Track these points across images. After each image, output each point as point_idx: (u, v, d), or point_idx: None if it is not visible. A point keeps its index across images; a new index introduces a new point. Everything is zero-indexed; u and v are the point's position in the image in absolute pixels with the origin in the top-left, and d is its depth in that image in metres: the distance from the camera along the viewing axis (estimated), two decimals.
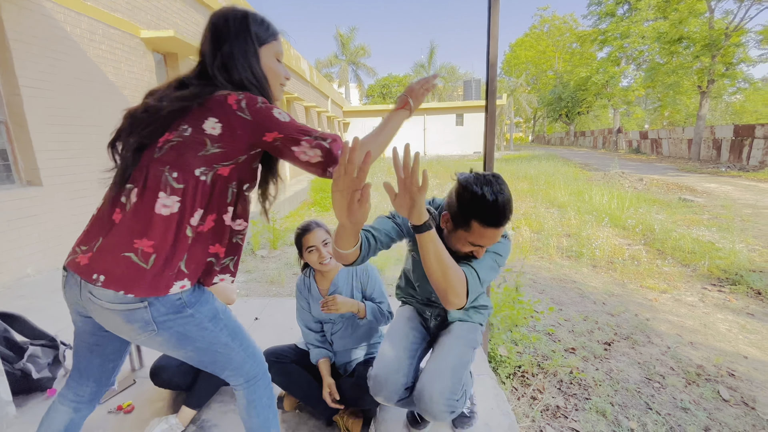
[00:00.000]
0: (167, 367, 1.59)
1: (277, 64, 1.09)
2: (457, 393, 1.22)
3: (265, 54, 1.04)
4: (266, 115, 0.90)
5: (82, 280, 0.86)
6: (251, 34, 1.00)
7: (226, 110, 0.88)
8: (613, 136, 28.26)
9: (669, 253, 4.89)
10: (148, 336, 0.89)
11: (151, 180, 0.88)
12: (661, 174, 13.28)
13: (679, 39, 17.41)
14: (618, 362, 2.66)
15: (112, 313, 0.86)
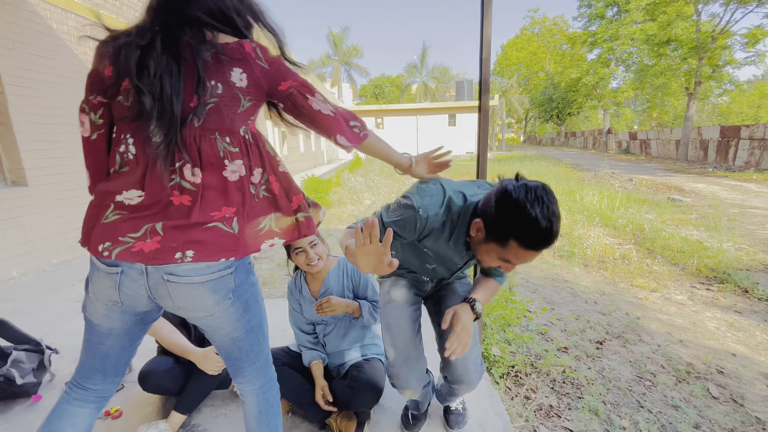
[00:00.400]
0: (156, 372, 1.56)
1: None
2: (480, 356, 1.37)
3: None
4: (280, 63, 0.91)
5: (152, 267, 0.84)
6: None
7: (248, 59, 0.86)
8: (603, 137, 28.63)
9: (659, 252, 4.96)
10: (223, 307, 0.91)
11: (206, 153, 0.85)
12: (650, 174, 13.48)
13: (667, 41, 17.70)
14: (610, 361, 2.68)
15: (199, 287, 0.86)
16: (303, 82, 0.94)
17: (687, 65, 17.21)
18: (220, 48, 0.84)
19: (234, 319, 0.94)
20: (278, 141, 12.35)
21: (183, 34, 0.85)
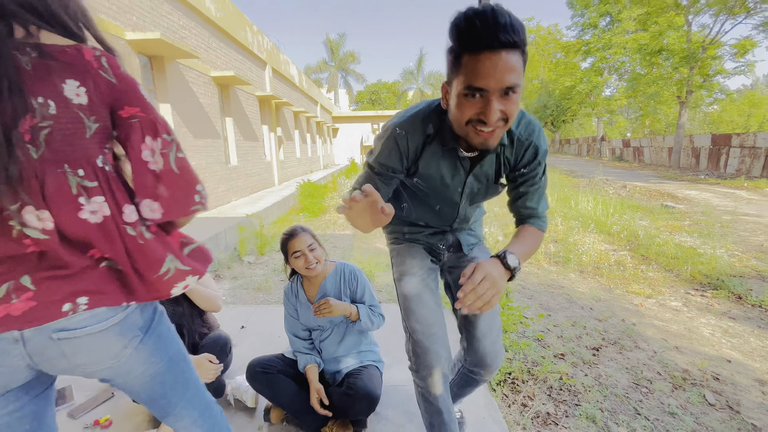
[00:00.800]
0: None
1: None
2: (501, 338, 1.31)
3: None
4: (134, 84, 0.73)
5: (31, 330, 0.68)
6: None
7: (87, 69, 0.68)
8: (597, 144, 28.95)
9: (653, 259, 4.99)
10: (132, 349, 0.77)
11: (52, 190, 0.66)
12: (644, 181, 13.62)
13: (659, 51, 18.01)
14: (606, 367, 2.67)
15: (103, 334, 0.73)
16: (154, 118, 0.75)
17: (678, 74, 17.52)
18: (44, 50, 0.64)
19: (148, 354, 0.80)
20: (274, 146, 12.33)
21: None
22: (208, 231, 5.49)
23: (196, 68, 7.19)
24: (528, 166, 1.05)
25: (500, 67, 0.74)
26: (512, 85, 0.78)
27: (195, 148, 7.10)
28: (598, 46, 24.39)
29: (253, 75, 10.73)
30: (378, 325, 1.56)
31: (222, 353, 1.64)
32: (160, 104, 6.29)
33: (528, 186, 1.08)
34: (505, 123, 0.84)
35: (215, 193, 7.94)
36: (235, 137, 9.23)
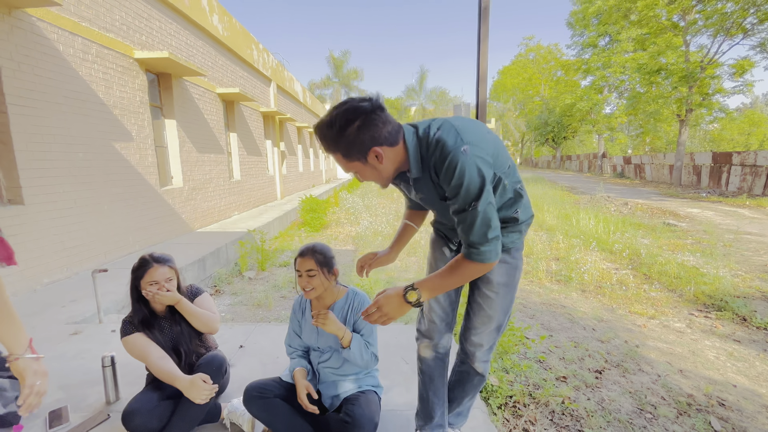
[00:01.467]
0: (140, 411, 1.48)
1: None
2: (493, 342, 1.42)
3: None
4: None
5: None
6: None
7: None
8: (598, 161, 29.07)
9: (655, 278, 4.95)
10: None
11: None
12: (645, 198, 13.62)
13: (657, 70, 18.27)
14: (609, 391, 2.63)
15: None
16: None
17: (678, 93, 17.72)
18: None
19: None
20: (277, 160, 12.45)
21: None
22: (209, 246, 5.51)
23: (202, 85, 7.33)
24: (448, 188, 1.07)
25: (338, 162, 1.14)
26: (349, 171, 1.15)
27: (199, 162, 7.18)
28: (597, 65, 24.77)
29: (258, 91, 10.92)
30: (367, 363, 1.51)
31: (217, 374, 1.62)
32: (166, 120, 6.40)
33: (458, 209, 1.08)
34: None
35: (218, 208, 7.99)
36: (239, 152, 9.34)
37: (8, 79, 3.47)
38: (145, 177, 5.51)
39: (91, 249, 4.44)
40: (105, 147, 4.72)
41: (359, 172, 1.11)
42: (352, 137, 1.01)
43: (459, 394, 1.56)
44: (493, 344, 1.44)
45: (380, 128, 1.02)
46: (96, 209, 4.53)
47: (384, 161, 1.08)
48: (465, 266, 1.10)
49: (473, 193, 1.03)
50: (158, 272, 1.63)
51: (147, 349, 1.59)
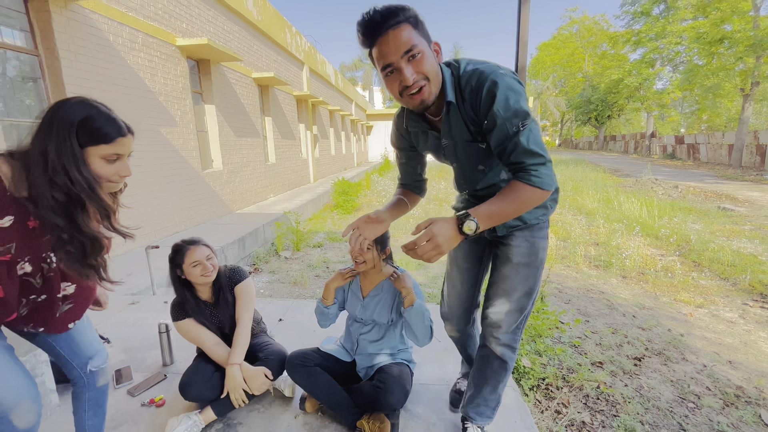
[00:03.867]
0: (196, 383, 1.61)
1: (101, 165, 1.00)
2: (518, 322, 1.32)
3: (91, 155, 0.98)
4: None
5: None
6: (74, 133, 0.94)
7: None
8: (645, 141, 27.11)
9: (706, 266, 4.64)
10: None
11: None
12: (699, 181, 12.62)
13: (720, 39, 16.54)
14: (649, 379, 2.55)
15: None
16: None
17: (743, 64, 16.01)
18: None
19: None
20: (310, 144, 12.66)
21: None
22: (248, 226, 5.77)
23: (238, 70, 7.52)
24: (488, 114, 0.98)
25: (392, 43, 0.91)
26: (409, 48, 0.93)
27: (237, 146, 7.45)
28: (650, 36, 22.78)
29: (291, 75, 11.05)
30: (426, 331, 1.50)
31: (279, 369, 1.68)
32: (206, 105, 6.66)
33: (502, 138, 0.99)
34: (427, 80, 0.97)
35: (255, 190, 8.30)
36: (274, 136, 9.57)
37: (66, 69, 3.74)
38: (189, 161, 5.81)
39: (143, 228, 4.79)
40: (152, 132, 5.01)
41: (423, 52, 0.95)
42: (419, 16, 0.97)
43: (477, 380, 1.42)
44: (516, 328, 1.33)
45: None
46: (147, 191, 4.86)
47: (439, 60, 1.01)
48: (523, 190, 0.97)
49: (522, 110, 0.96)
50: (196, 252, 1.66)
51: (200, 336, 1.69)
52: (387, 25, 0.91)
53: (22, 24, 3.57)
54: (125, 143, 1.04)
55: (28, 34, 3.60)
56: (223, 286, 1.75)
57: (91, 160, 0.98)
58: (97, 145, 0.97)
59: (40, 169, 0.91)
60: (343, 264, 5.09)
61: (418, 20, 0.96)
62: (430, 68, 0.96)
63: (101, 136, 0.97)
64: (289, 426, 1.60)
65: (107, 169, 1.01)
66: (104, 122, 0.98)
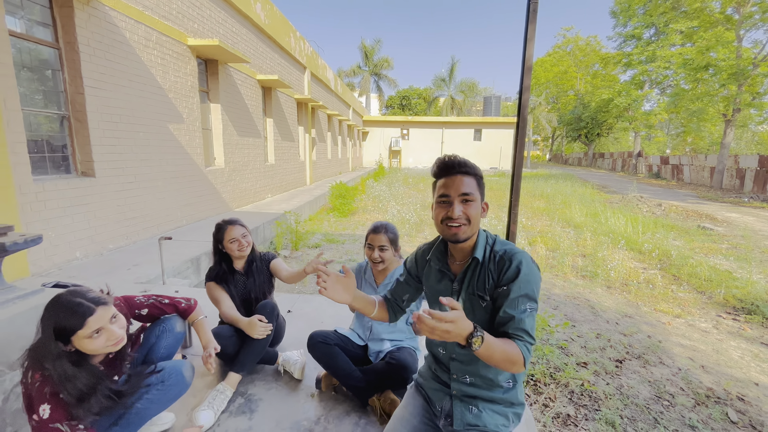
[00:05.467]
0: (222, 335, 1.84)
1: (91, 342, 1.17)
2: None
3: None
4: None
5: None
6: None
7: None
8: (632, 160, 27.96)
9: (685, 279, 4.93)
10: None
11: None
12: (681, 200, 13.13)
13: (705, 66, 17.31)
14: (629, 379, 2.76)
15: None
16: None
17: (726, 91, 16.76)
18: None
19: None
20: (308, 147, 12.81)
21: None
22: (248, 224, 5.87)
23: (244, 71, 7.67)
24: (509, 285, 1.08)
25: (456, 182, 1.13)
26: (467, 192, 1.12)
27: (239, 145, 7.56)
28: (640, 59, 23.63)
29: (293, 78, 11.22)
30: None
31: (270, 315, 1.90)
32: (212, 104, 6.78)
33: (512, 310, 1.07)
34: (468, 223, 1.12)
35: (254, 189, 8.40)
36: (274, 137, 9.70)
37: (85, 63, 3.86)
38: (193, 157, 5.91)
39: (147, 221, 4.87)
40: (161, 128, 5.12)
41: (474, 199, 1.13)
42: (484, 185, 1.20)
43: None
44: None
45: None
46: (152, 184, 4.95)
47: (483, 216, 1.18)
48: (517, 351, 1.02)
49: (533, 295, 1.08)
50: (234, 231, 1.98)
51: (220, 297, 1.98)
52: (460, 170, 1.14)
53: (45, 18, 3.68)
54: (96, 319, 1.17)
55: (50, 27, 3.71)
56: (256, 261, 2.08)
57: (81, 344, 1.16)
58: (74, 333, 1.14)
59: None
60: (341, 264, 5.23)
61: (482, 181, 1.19)
62: (474, 214, 1.13)
63: (71, 328, 1.14)
64: (306, 402, 1.75)
65: (98, 343, 1.18)
66: (69, 318, 1.14)
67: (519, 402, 1.21)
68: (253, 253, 2.10)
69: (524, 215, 9.35)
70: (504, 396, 1.19)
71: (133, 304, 1.53)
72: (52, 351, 1.13)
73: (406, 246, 6.28)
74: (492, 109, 30.03)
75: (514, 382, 1.20)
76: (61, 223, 3.66)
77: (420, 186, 15.44)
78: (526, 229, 7.82)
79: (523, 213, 9.65)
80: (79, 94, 3.85)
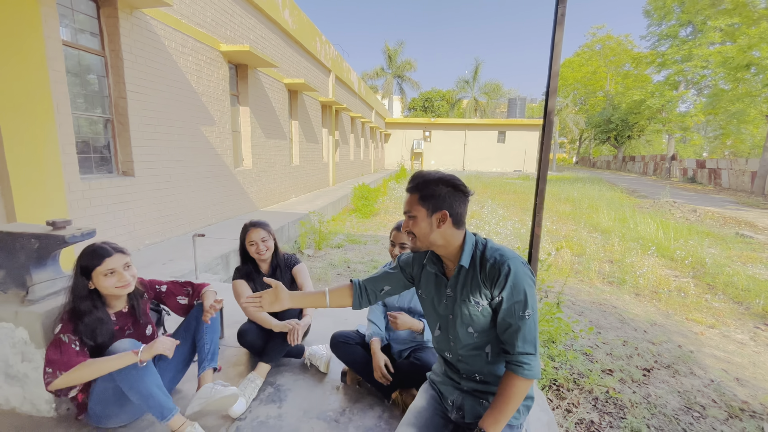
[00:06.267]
0: (251, 330, 1.97)
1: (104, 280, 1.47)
2: None
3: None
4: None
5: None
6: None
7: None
8: (666, 163, 26.78)
9: (720, 289, 4.72)
10: None
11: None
12: (718, 206, 12.49)
13: (747, 65, 16.42)
14: (657, 388, 2.68)
15: None
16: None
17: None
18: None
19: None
20: (331, 148, 13.03)
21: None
22: (274, 224, 6.06)
23: (272, 75, 7.91)
24: (501, 294, 1.11)
25: (405, 200, 1.22)
26: (406, 210, 1.20)
27: (266, 147, 7.80)
28: (675, 58, 22.66)
29: (318, 82, 11.46)
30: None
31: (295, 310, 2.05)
32: (241, 107, 7.04)
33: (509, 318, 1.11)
34: (414, 236, 1.19)
35: (279, 190, 8.63)
36: (299, 139, 9.94)
37: (128, 69, 4.11)
38: (223, 158, 6.15)
39: (180, 218, 5.12)
40: (194, 130, 5.37)
41: (416, 217, 1.17)
42: (438, 191, 1.15)
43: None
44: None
45: (458, 207, 1.16)
46: (185, 184, 5.20)
47: (441, 227, 1.15)
48: (519, 385, 1.09)
49: (530, 300, 1.09)
50: (253, 234, 2.02)
51: (245, 295, 2.02)
52: (408, 187, 1.21)
53: (93, 27, 3.96)
54: (112, 260, 1.47)
55: (97, 37, 3.98)
56: (280, 265, 2.12)
57: (97, 280, 1.46)
58: (94, 269, 1.45)
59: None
60: (363, 265, 5.32)
61: (429, 194, 1.17)
62: (418, 229, 1.18)
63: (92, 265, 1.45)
64: (331, 394, 1.82)
65: (109, 281, 1.47)
66: (92, 257, 1.45)
67: (529, 395, 1.25)
68: (276, 258, 2.11)
69: (549, 219, 9.17)
70: None
71: (153, 281, 1.78)
72: (80, 287, 1.45)
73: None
74: (517, 111, 29.50)
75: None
76: (104, 219, 3.92)
77: None
78: (551, 233, 7.68)
79: (547, 217, 9.46)
80: (122, 99, 4.11)
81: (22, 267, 1.63)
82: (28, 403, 1.63)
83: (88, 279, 1.45)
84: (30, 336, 1.55)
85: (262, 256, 2.04)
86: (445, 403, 1.32)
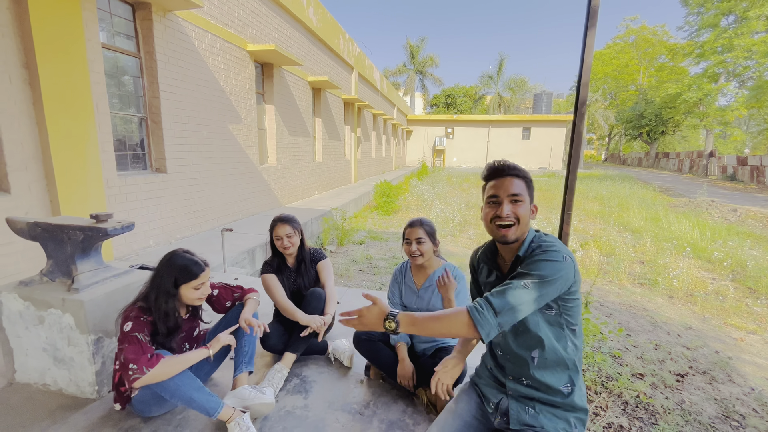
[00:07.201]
0: (274, 334, 2.02)
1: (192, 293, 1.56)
2: None
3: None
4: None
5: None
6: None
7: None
8: (703, 160, 25.38)
9: (762, 293, 4.45)
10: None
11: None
12: (761, 206, 11.74)
13: None
14: (691, 395, 2.57)
15: None
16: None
17: None
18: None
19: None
20: (353, 145, 13.10)
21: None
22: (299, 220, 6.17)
23: (296, 74, 8.03)
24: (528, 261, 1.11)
25: (506, 184, 1.16)
26: (516, 192, 1.15)
27: (290, 144, 7.94)
28: (715, 49, 21.40)
29: (341, 79, 11.54)
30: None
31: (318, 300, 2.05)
32: (266, 105, 7.19)
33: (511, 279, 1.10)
34: (517, 222, 1.14)
35: (302, 186, 8.78)
36: (322, 136, 10.05)
37: (161, 69, 4.28)
38: (249, 155, 6.31)
39: (208, 214, 5.29)
40: (222, 128, 5.53)
41: (523, 201, 1.16)
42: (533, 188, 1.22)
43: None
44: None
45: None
46: (213, 181, 5.37)
47: (533, 216, 1.20)
48: (459, 314, 1.05)
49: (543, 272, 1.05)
50: (279, 229, 2.08)
51: (276, 289, 2.07)
52: (510, 172, 1.18)
53: (129, 31, 4.14)
54: (204, 275, 1.56)
55: (133, 39, 4.16)
56: (306, 260, 2.18)
57: (185, 291, 1.53)
58: (188, 282, 1.52)
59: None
60: (385, 261, 5.34)
61: (531, 184, 1.21)
62: (523, 214, 1.15)
63: (189, 277, 1.52)
64: (355, 388, 1.85)
65: (195, 294, 1.56)
66: (191, 268, 1.52)
67: (581, 407, 1.18)
68: (302, 252, 2.17)
69: (576, 218, 8.90)
70: (564, 401, 1.17)
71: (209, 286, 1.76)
72: (170, 291, 1.51)
73: (450, 246, 6.25)
74: (543, 107, 28.74)
75: (572, 386, 1.18)
76: (138, 214, 4.10)
77: (464, 185, 15.19)
78: (578, 232, 7.45)
79: (574, 215, 9.18)
80: (155, 98, 4.28)
81: (69, 257, 1.74)
82: (73, 384, 1.74)
83: (176, 288, 1.52)
84: (75, 322, 1.66)
85: (287, 251, 2.11)
86: (488, 407, 1.28)
